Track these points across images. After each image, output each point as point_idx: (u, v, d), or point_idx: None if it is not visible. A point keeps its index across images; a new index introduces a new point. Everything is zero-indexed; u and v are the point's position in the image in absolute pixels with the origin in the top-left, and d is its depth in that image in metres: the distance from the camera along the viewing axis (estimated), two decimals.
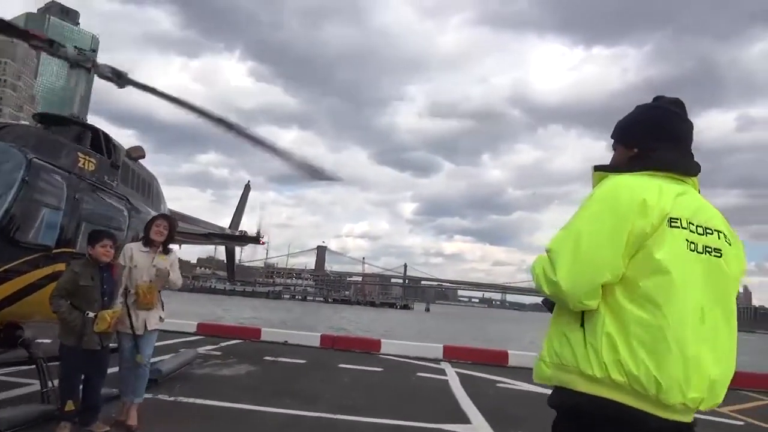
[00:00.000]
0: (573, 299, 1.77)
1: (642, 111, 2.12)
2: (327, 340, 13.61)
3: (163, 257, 5.55)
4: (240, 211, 18.06)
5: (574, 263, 1.78)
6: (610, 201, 1.81)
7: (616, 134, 2.15)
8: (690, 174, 1.98)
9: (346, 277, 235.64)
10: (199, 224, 13.39)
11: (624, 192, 1.81)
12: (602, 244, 1.77)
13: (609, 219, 1.78)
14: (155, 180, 8.83)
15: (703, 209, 1.89)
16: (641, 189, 1.81)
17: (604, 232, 1.78)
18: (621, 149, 2.11)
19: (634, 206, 1.76)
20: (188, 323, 14.45)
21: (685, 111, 2.07)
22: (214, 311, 44.80)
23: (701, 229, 1.82)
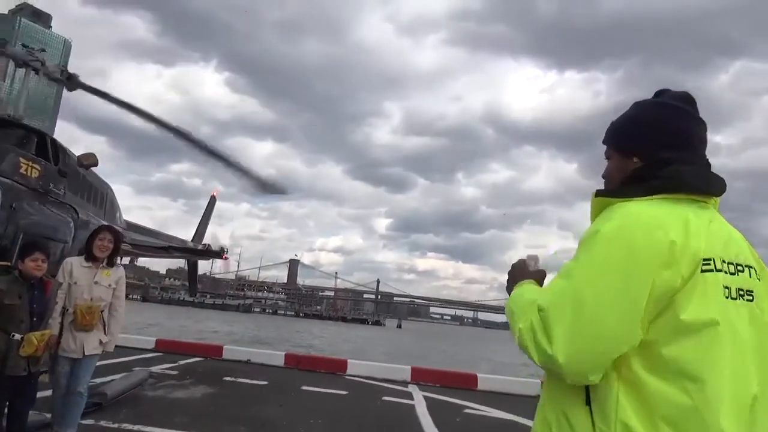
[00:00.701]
0: (573, 376, 1.30)
1: (644, 109, 1.61)
2: (291, 360, 13.10)
3: (107, 273, 5.09)
4: (204, 223, 17.50)
5: (576, 335, 1.28)
6: (622, 246, 1.30)
7: (611, 138, 1.66)
8: (714, 194, 1.49)
9: (318, 291, 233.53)
10: (159, 236, 12.86)
11: (640, 232, 1.31)
12: (613, 309, 1.27)
13: (621, 273, 1.28)
14: (109, 189, 8.35)
15: (733, 239, 1.43)
16: (664, 226, 1.32)
17: (614, 291, 1.28)
18: (617, 158, 1.61)
19: (657, 252, 1.29)
20: (146, 339, 13.82)
21: (697, 109, 1.58)
22: (181, 324, 43.68)
23: (733, 267, 1.37)
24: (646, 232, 1.30)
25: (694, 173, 1.45)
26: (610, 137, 1.67)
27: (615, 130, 1.65)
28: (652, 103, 1.60)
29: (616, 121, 1.66)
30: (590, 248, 1.35)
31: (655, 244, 1.29)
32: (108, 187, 8.34)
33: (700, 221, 1.37)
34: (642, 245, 1.29)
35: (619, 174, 1.57)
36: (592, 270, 1.31)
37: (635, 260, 1.28)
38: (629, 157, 1.56)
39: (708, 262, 1.30)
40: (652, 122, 1.56)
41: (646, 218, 1.33)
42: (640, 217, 1.34)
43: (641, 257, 1.28)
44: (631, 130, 1.60)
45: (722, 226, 1.45)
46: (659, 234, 1.30)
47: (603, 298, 1.27)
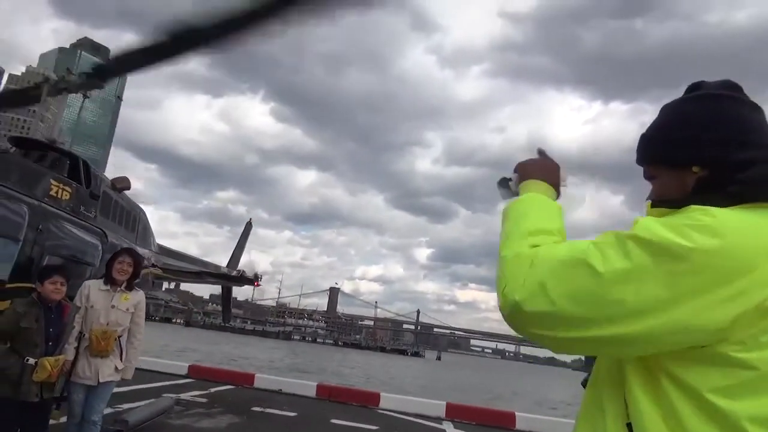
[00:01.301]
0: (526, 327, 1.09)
1: (689, 106, 1.25)
2: (323, 391, 12.82)
3: (126, 297, 4.96)
4: (239, 249, 17.53)
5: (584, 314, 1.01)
6: (722, 257, 0.96)
7: (652, 152, 1.28)
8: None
9: (357, 320, 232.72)
10: (193, 262, 12.90)
11: (744, 242, 0.98)
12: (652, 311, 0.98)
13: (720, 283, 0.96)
14: (142, 213, 8.36)
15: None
16: (746, 234, 0.99)
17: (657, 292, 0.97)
18: (669, 173, 1.23)
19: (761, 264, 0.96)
20: (179, 364, 13.78)
21: (747, 96, 1.24)
22: (221, 350, 43.92)
23: None
24: (711, 242, 0.96)
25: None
26: (649, 152, 1.29)
27: (656, 142, 1.27)
28: (695, 98, 1.24)
29: (652, 132, 1.29)
30: (647, 233, 1.01)
31: (720, 260, 0.96)
32: (141, 210, 8.35)
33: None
34: (699, 259, 0.96)
35: (678, 191, 1.19)
36: (635, 257, 1.00)
37: (685, 277, 0.96)
38: (686, 168, 1.18)
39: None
40: (707, 118, 1.19)
41: (718, 223, 0.99)
42: (710, 222, 0.99)
43: (691, 275, 0.95)
44: (680, 135, 1.21)
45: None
46: (731, 248, 0.96)
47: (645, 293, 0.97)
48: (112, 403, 8.06)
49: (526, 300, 1.04)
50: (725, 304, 0.94)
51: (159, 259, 9.84)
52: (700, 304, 0.94)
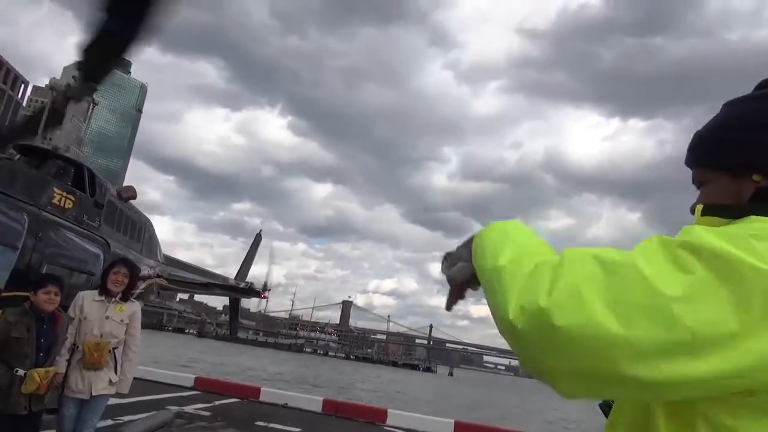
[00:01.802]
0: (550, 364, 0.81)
1: (756, 105, 1.01)
2: (329, 406, 12.62)
3: (120, 308, 4.85)
4: (248, 260, 17.47)
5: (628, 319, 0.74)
6: (743, 266, 0.74)
7: (706, 154, 1.06)
8: None
9: (370, 334, 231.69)
10: (201, 273, 12.84)
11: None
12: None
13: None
14: (148, 223, 8.31)
15: None
16: None
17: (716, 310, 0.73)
18: (723, 179, 1.01)
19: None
20: (185, 376, 13.69)
21: None
22: (232, 361, 43.83)
23: None
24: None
25: None
26: (702, 154, 1.07)
27: (711, 142, 1.05)
28: (763, 96, 1.01)
29: (708, 131, 1.07)
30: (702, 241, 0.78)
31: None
32: (147, 220, 8.30)
33: None
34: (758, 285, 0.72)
35: (729, 200, 0.99)
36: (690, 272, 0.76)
37: (739, 305, 0.73)
38: (744, 175, 0.97)
39: None
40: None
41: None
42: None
43: (748, 304, 0.72)
44: (740, 137, 0.99)
45: None
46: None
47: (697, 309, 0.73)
48: (113, 415, 7.97)
49: (556, 308, 0.77)
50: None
51: (165, 269, 9.78)
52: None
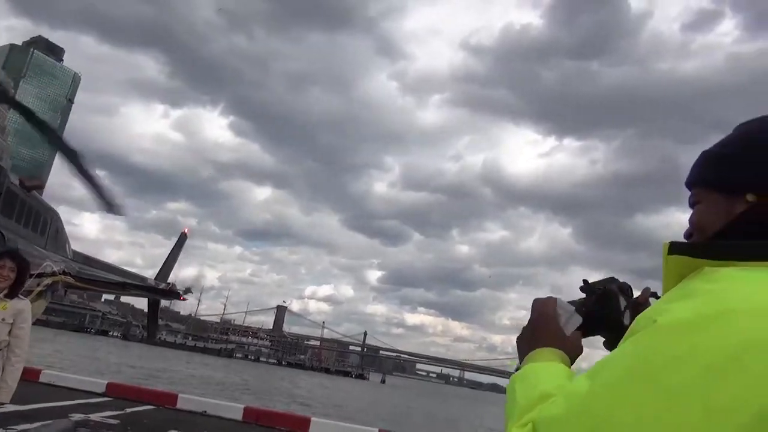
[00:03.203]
0: None
1: (758, 123, 0.93)
2: (250, 414, 12.21)
3: (4, 306, 4.39)
4: (171, 261, 16.69)
5: None
6: (703, 362, 0.64)
7: (705, 171, 0.98)
8: None
9: (304, 340, 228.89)
10: (118, 273, 12.13)
11: (745, 340, 0.64)
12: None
13: (696, 409, 0.63)
14: (56, 216, 7.73)
15: None
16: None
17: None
18: (716, 199, 0.92)
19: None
20: (97, 381, 12.90)
21: None
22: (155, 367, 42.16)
23: None
24: (757, 341, 0.64)
25: None
26: (703, 171, 0.98)
27: (712, 160, 0.97)
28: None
29: (712, 149, 0.99)
30: (645, 348, 0.70)
31: (753, 363, 0.62)
32: (54, 213, 7.73)
33: None
34: (747, 366, 0.63)
35: (719, 221, 0.90)
36: (641, 387, 0.67)
37: (726, 394, 0.62)
38: (738, 195, 0.88)
39: None
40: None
41: (761, 310, 0.66)
42: (750, 307, 0.66)
43: (740, 390, 0.62)
44: (743, 155, 0.90)
45: None
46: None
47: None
48: (5, 424, 7.34)
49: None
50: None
51: (74, 266, 9.14)
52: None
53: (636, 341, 0.72)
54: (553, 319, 1.07)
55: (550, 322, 1.06)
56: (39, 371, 12.58)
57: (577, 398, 0.73)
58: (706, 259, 0.77)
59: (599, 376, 0.73)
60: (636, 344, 0.72)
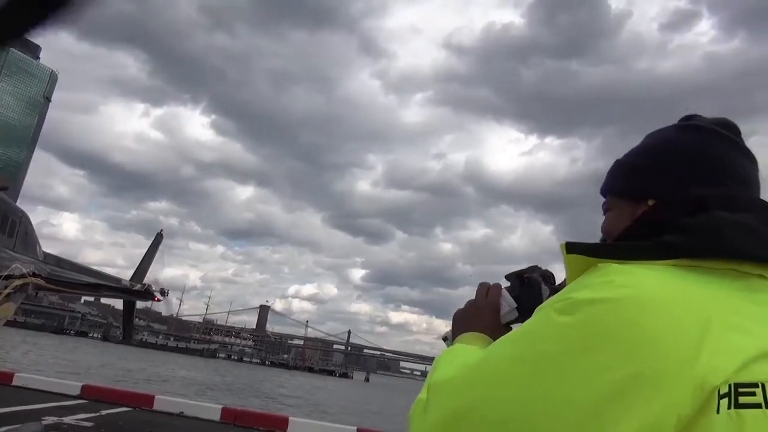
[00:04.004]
0: None
1: (665, 134, 1.01)
2: (228, 414, 12.16)
3: None
4: (147, 261, 16.55)
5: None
6: (588, 343, 0.70)
7: (613, 179, 1.04)
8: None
9: (287, 339, 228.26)
10: (92, 274, 12.02)
11: (624, 326, 0.69)
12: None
13: (576, 385, 0.69)
14: (24, 217, 7.63)
15: None
16: (670, 320, 0.70)
17: (574, 404, 0.68)
18: (623, 205, 0.99)
19: (649, 367, 0.67)
20: (71, 384, 12.78)
21: (743, 140, 0.98)
22: (137, 368, 41.78)
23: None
24: (633, 326, 0.69)
25: (746, 226, 0.80)
26: (614, 180, 1.04)
27: (620, 167, 1.04)
28: (676, 127, 1.01)
29: (624, 158, 1.05)
30: (544, 326, 0.76)
31: (646, 350, 0.68)
32: (23, 214, 7.63)
33: (745, 314, 0.74)
34: (621, 349, 0.68)
35: (624, 225, 0.94)
36: (526, 363, 0.73)
37: (605, 374, 0.67)
38: (641, 201, 0.95)
39: (750, 390, 0.68)
40: (679, 149, 0.95)
41: (642, 301, 0.71)
42: (631, 298, 0.71)
43: (618, 372, 0.67)
44: (645, 162, 0.98)
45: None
46: (659, 334, 0.68)
47: (550, 411, 0.69)
48: None
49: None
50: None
51: (44, 268, 9.04)
52: (622, 415, 0.66)
53: (526, 324, 0.80)
54: (495, 308, 1.14)
55: (490, 311, 1.14)
56: (12, 374, 12.43)
57: (467, 368, 0.81)
58: (599, 258, 0.82)
59: (489, 349, 0.83)
60: (525, 326, 0.80)
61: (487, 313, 1.13)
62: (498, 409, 0.72)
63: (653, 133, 1.04)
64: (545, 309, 0.78)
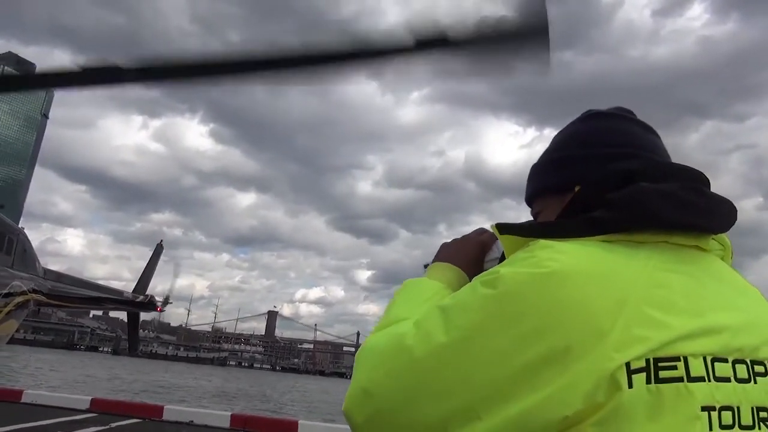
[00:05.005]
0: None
1: (571, 127, 1.06)
2: (238, 421, 12.19)
3: None
4: (148, 272, 16.62)
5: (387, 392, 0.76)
6: (509, 314, 0.71)
7: (537, 180, 1.05)
8: (710, 229, 0.84)
9: (297, 344, 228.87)
10: (95, 288, 12.08)
11: (543, 297, 0.71)
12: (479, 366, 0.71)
13: (504, 354, 0.70)
14: (22, 234, 7.68)
15: (754, 315, 0.79)
16: (585, 293, 0.70)
17: (487, 377, 0.70)
18: (552, 201, 0.98)
19: (561, 340, 0.68)
20: (80, 398, 12.81)
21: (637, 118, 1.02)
22: (147, 379, 41.90)
23: (745, 368, 0.73)
24: (548, 300, 0.70)
25: (671, 195, 0.78)
26: (536, 182, 1.05)
27: (539, 168, 1.05)
28: (579, 119, 1.05)
29: (539, 159, 1.07)
30: (469, 297, 0.76)
31: (559, 324, 0.69)
32: (20, 232, 7.68)
33: (673, 288, 0.74)
34: (535, 323, 0.70)
35: (556, 215, 0.95)
36: (450, 332, 0.74)
37: (518, 349, 0.69)
38: (567, 191, 0.94)
39: (671, 364, 0.67)
40: (590, 132, 0.99)
41: (559, 275, 0.71)
42: (550, 272, 0.72)
43: (530, 347, 0.69)
44: (561, 155, 1.00)
45: (726, 290, 0.79)
46: (574, 308, 0.69)
47: (450, 374, 0.72)
48: None
49: (351, 410, 0.79)
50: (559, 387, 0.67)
51: (44, 284, 9.10)
52: (537, 385, 0.67)
53: (457, 293, 0.81)
54: (483, 246, 1.10)
55: (477, 246, 1.10)
56: (21, 392, 12.47)
57: (405, 331, 0.80)
58: (530, 237, 0.82)
59: (424, 314, 0.81)
60: (456, 295, 0.81)
61: (474, 248, 1.09)
62: (425, 377, 0.73)
63: (559, 132, 1.07)
64: (474, 281, 0.79)
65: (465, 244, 1.11)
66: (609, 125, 0.98)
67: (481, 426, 0.69)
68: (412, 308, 0.88)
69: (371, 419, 0.77)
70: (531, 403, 0.67)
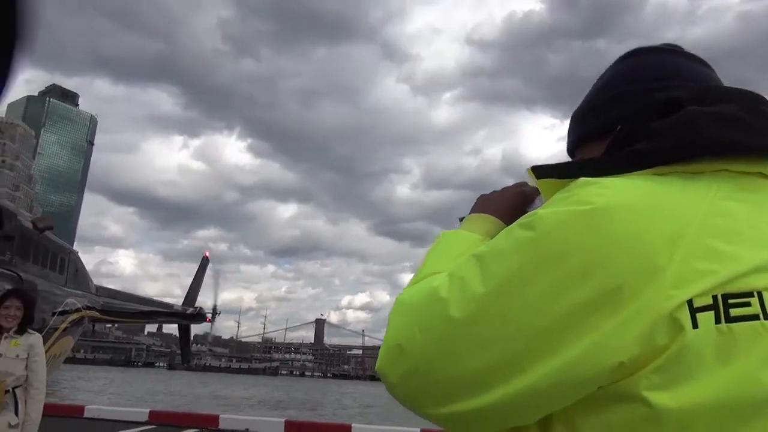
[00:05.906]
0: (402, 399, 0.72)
1: (616, 66, 0.93)
2: (292, 427, 12.28)
3: (16, 342, 4.46)
4: (196, 285, 16.92)
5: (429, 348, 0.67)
6: (554, 254, 0.62)
7: (577, 129, 0.95)
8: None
9: (346, 350, 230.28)
10: (146, 302, 12.35)
11: (590, 236, 0.62)
12: (502, 345, 0.63)
13: (546, 299, 0.61)
14: (74, 254, 7.89)
15: None
16: (638, 228, 0.61)
17: (527, 325, 0.62)
18: (595, 147, 0.87)
19: (620, 272, 0.59)
20: (139, 411, 13.12)
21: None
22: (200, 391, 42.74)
23: None
24: (593, 238, 0.62)
25: (727, 116, 0.68)
26: (574, 131, 0.96)
27: (578, 116, 0.96)
28: (617, 60, 0.94)
29: (579, 106, 0.97)
30: (505, 242, 0.68)
31: (605, 264, 0.60)
32: (72, 252, 7.90)
33: (738, 217, 0.64)
34: (578, 265, 0.61)
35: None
36: (488, 280, 0.66)
37: (560, 294, 0.61)
38: (609, 133, 0.83)
39: (744, 300, 0.58)
40: (630, 70, 0.89)
41: (604, 211, 0.63)
42: (593, 209, 0.63)
43: (573, 292, 0.61)
44: (600, 98, 0.90)
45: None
46: (621, 245, 0.60)
47: (495, 321, 0.64)
48: None
49: (385, 369, 0.71)
50: (617, 324, 0.59)
51: (97, 300, 9.33)
52: (585, 331, 0.59)
53: (493, 240, 0.72)
54: (526, 198, 0.99)
55: (519, 196, 0.99)
56: (83, 407, 12.85)
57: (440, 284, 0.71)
58: (568, 178, 0.73)
59: (461, 264, 0.72)
60: (492, 242, 0.71)
61: (514, 198, 0.98)
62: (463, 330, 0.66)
63: (602, 73, 0.96)
64: (513, 225, 0.70)
65: (505, 194, 1.01)
66: (652, 60, 0.88)
67: (525, 378, 0.62)
68: (447, 261, 0.79)
69: (406, 377, 0.69)
70: (580, 351, 0.59)
